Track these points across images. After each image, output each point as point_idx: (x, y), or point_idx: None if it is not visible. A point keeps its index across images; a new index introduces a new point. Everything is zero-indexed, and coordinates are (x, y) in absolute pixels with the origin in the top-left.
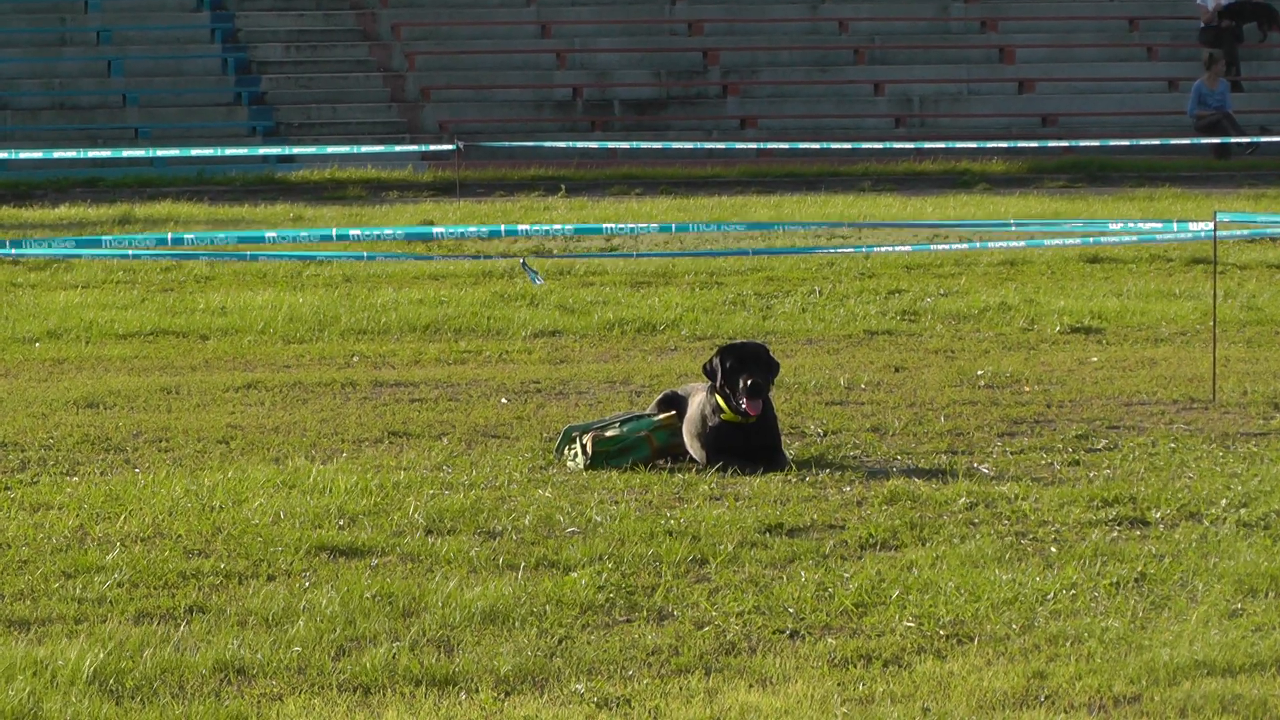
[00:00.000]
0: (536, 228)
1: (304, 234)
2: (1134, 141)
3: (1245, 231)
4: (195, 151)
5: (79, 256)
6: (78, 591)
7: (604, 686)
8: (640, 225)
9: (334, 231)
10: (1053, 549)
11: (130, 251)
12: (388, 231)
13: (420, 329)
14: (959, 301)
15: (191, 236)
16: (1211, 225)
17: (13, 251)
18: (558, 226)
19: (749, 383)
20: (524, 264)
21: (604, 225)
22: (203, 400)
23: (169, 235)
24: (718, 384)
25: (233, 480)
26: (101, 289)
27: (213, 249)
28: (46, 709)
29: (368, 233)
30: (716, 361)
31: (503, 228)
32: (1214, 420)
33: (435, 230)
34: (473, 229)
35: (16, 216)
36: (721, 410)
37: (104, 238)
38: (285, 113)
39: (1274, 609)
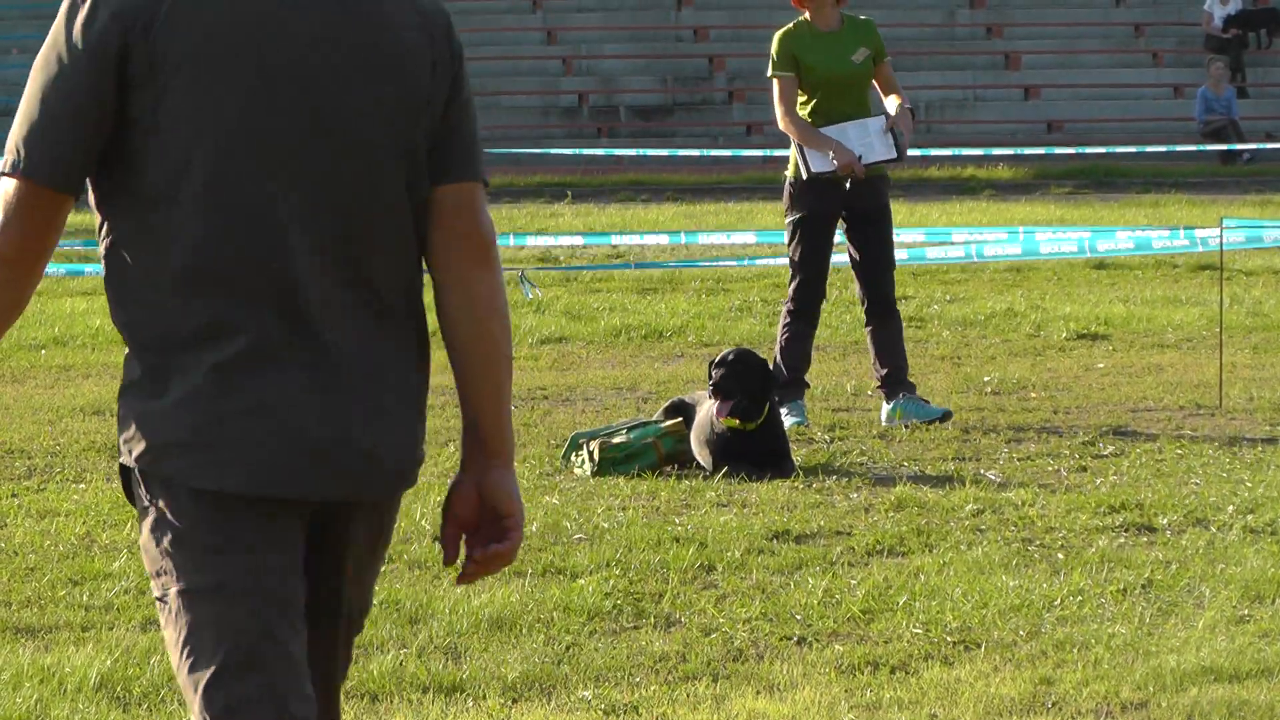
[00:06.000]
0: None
1: None
2: (1140, 148)
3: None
4: None
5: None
6: (85, 599)
7: (611, 693)
8: (648, 239)
9: None
10: (1059, 555)
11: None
12: None
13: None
14: (965, 308)
15: None
16: (1218, 231)
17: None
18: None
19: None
20: (522, 276)
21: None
22: None
23: None
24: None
25: None
26: None
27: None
28: (54, 716)
29: None
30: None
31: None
32: (1221, 426)
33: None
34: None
35: None
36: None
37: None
38: None
39: None
